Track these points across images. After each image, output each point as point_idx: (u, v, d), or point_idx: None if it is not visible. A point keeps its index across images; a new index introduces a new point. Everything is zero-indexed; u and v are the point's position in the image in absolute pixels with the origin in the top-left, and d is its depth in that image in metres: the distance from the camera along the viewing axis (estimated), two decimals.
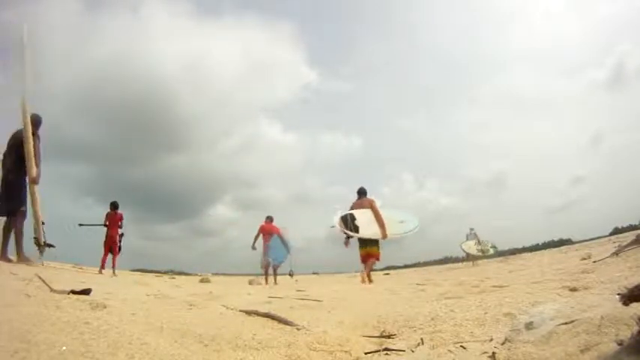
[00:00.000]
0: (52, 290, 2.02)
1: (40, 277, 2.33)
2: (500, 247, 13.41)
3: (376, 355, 1.43)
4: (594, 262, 3.67)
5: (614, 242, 6.73)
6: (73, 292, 2.00)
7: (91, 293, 2.05)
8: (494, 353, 1.13)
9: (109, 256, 7.58)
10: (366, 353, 1.46)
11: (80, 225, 7.59)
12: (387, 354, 1.42)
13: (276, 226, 7.96)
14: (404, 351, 1.43)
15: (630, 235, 5.97)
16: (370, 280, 5.62)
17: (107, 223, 7.69)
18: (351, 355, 1.47)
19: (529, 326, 1.15)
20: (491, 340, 1.38)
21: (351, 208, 5.84)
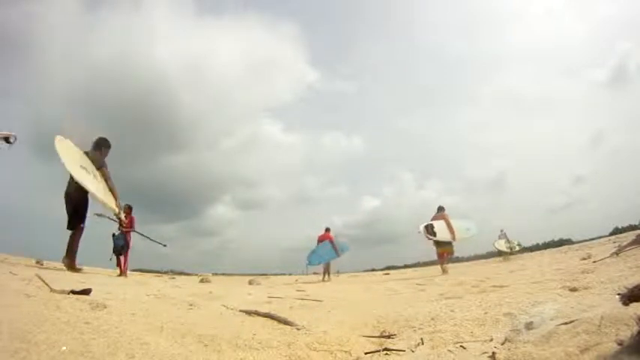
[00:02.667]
0: (52, 290, 2.02)
1: (40, 277, 2.33)
2: (501, 247, 13.95)
3: (376, 355, 1.43)
4: (594, 262, 3.67)
5: (614, 242, 6.72)
6: (73, 292, 2.00)
7: (91, 293, 2.05)
8: (494, 353, 1.13)
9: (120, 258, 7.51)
10: (366, 353, 1.46)
11: (97, 215, 7.01)
12: (387, 354, 1.42)
13: (330, 235, 9.98)
14: (404, 351, 1.43)
15: (630, 235, 5.98)
16: (446, 271, 7.30)
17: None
18: (351, 355, 1.47)
19: (529, 326, 1.15)
20: (492, 340, 1.38)
21: (432, 220, 8.05)
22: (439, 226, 7.81)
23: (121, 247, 6.82)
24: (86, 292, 2.05)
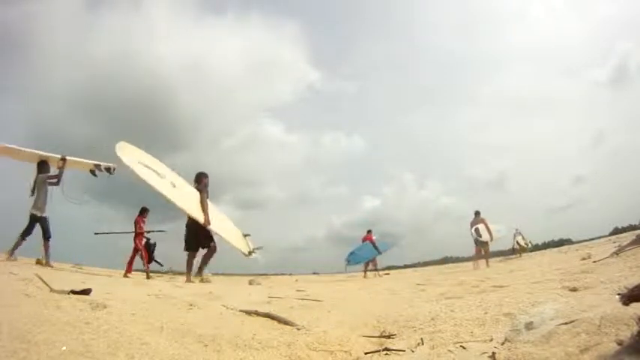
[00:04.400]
0: (52, 290, 2.02)
1: (40, 277, 2.33)
2: (501, 247, 14.18)
3: (376, 355, 1.43)
4: (594, 262, 3.67)
5: (614, 242, 6.72)
6: (73, 292, 2.00)
7: (91, 293, 2.05)
8: (494, 353, 1.13)
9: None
10: (366, 353, 1.46)
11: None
12: (387, 354, 1.42)
13: (371, 236, 10.95)
14: (404, 351, 1.43)
15: (630, 235, 5.97)
16: (488, 265, 9.12)
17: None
18: (351, 355, 1.47)
19: (529, 326, 1.15)
20: (492, 340, 1.38)
21: (472, 224, 9.84)
22: (481, 229, 9.80)
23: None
24: (86, 292, 2.04)
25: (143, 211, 7.43)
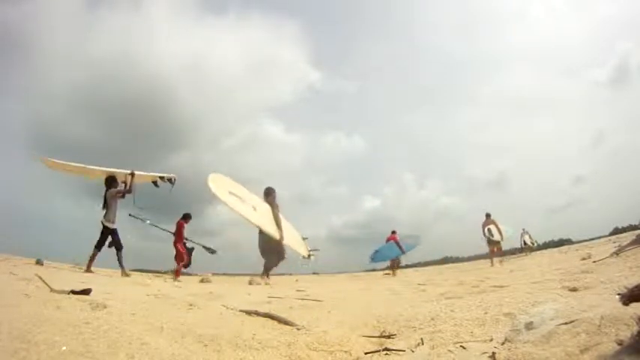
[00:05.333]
0: (52, 290, 2.02)
1: (40, 277, 2.33)
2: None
3: (376, 355, 1.43)
4: (594, 262, 3.67)
5: (614, 242, 6.72)
6: (73, 292, 2.00)
7: (91, 293, 2.05)
8: (494, 353, 1.13)
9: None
10: (366, 353, 1.46)
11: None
12: (387, 354, 1.42)
13: (395, 236, 11.32)
14: (404, 351, 1.43)
15: (630, 235, 5.97)
16: (501, 263, 9.94)
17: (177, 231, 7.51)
18: (351, 355, 1.47)
19: (529, 326, 1.15)
20: (491, 340, 1.38)
21: (483, 225, 10.72)
22: (493, 229, 10.74)
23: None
24: (86, 292, 2.05)
25: (187, 217, 7.67)
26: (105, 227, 6.02)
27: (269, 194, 6.79)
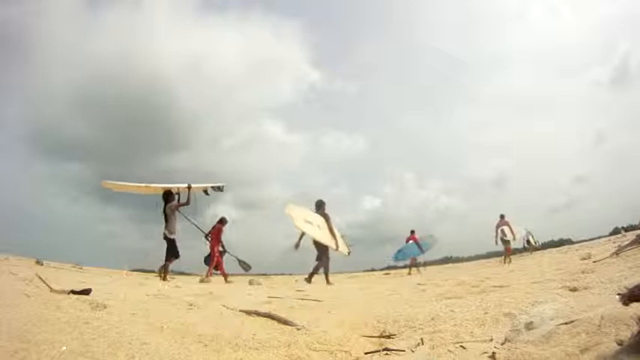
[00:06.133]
0: (52, 290, 2.03)
1: (40, 277, 2.33)
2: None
3: (376, 355, 1.43)
4: (594, 262, 3.67)
5: (614, 242, 6.72)
6: (73, 292, 2.01)
7: (91, 293, 2.05)
8: (494, 353, 1.13)
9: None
10: (366, 353, 1.46)
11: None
12: (387, 354, 1.42)
13: (415, 236, 11.89)
14: (404, 351, 1.43)
15: (630, 235, 5.97)
16: (510, 261, 10.45)
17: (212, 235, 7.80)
18: (351, 355, 1.47)
19: (529, 326, 1.15)
20: (491, 340, 1.38)
21: (497, 226, 11.43)
22: (506, 230, 11.47)
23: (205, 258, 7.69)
24: (86, 292, 2.05)
25: (223, 221, 7.90)
26: (167, 238, 6.45)
27: (320, 207, 7.29)
